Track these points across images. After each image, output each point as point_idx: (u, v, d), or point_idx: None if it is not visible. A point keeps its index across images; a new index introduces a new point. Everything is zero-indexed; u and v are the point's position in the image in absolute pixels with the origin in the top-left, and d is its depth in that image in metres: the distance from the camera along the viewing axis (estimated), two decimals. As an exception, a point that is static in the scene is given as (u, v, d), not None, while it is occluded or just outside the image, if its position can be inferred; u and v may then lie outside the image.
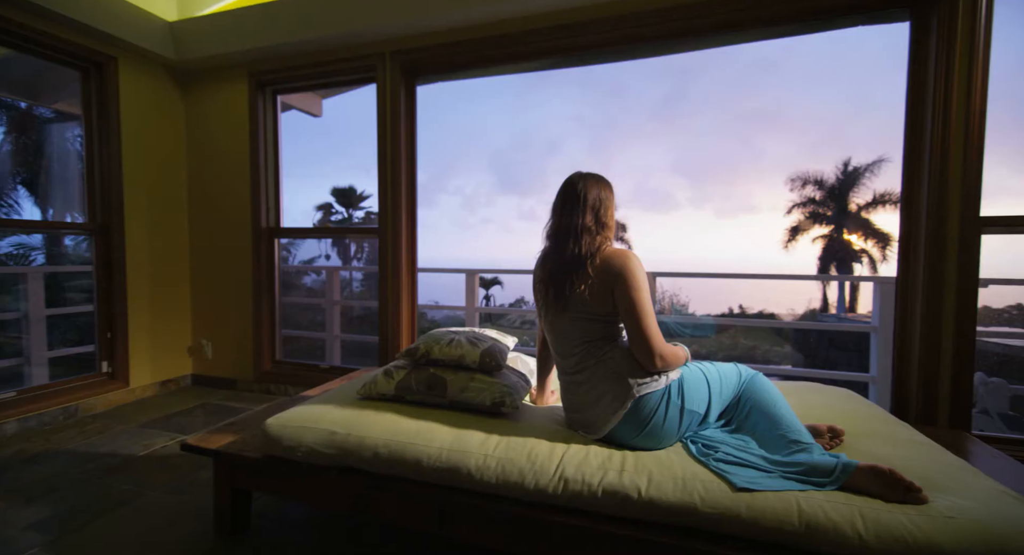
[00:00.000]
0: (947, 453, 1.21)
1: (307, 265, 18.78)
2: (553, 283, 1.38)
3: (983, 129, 1.76)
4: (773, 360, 13.85)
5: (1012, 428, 2.37)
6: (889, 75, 42.74)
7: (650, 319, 1.26)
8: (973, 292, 1.83)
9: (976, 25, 1.75)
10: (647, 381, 1.26)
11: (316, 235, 3.54)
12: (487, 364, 1.53)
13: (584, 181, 1.38)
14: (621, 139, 57.44)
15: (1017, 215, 1.79)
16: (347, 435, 1.31)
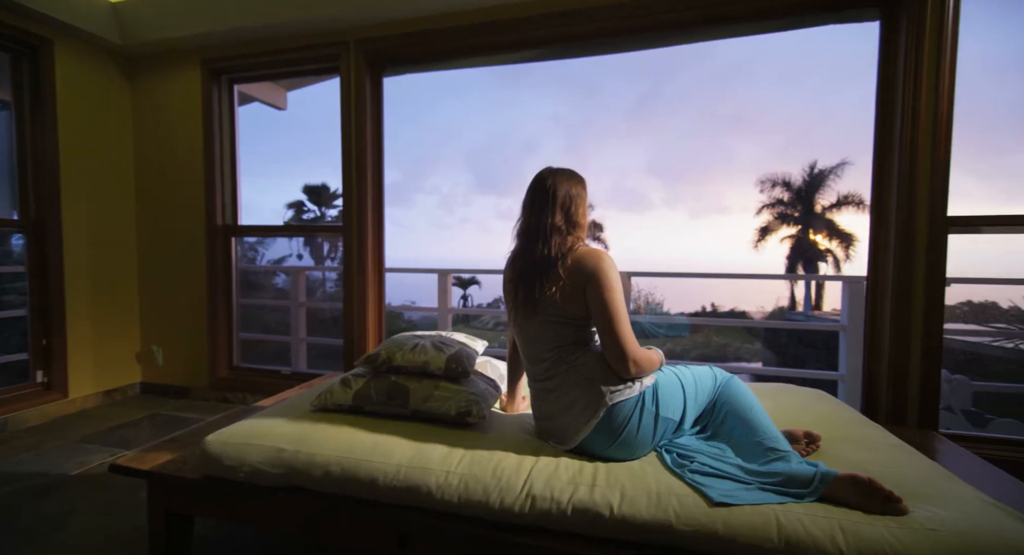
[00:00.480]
0: (922, 457, 1.19)
1: (275, 265, 18.20)
2: (523, 284, 1.30)
3: (950, 128, 1.76)
4: (744, 357, 14.18)
5: (975, 424, 2.42)
6: (855, 79, 44.56)
7: (623, 323, 1.19)
8: (940, 291, 1.84)
9: (944, 24, 1.75)
10: (620, 388, 1.19)
11: (277, 234, 3.37)
12: (453, 371, 1.43)
13: (554, 177, 1.30)
14: (597, 139, 58.05)
15: (983, 215, 1.81)
16: (296, 452, 1.19)
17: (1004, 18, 3.75)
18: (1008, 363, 3.75)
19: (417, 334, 1.68)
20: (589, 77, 60.99)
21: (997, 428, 2.34)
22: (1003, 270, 1.77)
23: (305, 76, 2.86)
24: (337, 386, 1.44)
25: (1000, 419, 2.38)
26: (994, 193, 27.05)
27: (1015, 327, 4.18)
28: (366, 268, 2.52)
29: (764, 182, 22.50)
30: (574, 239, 1.27)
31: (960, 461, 1.38)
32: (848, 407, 1.59)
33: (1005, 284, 2.01)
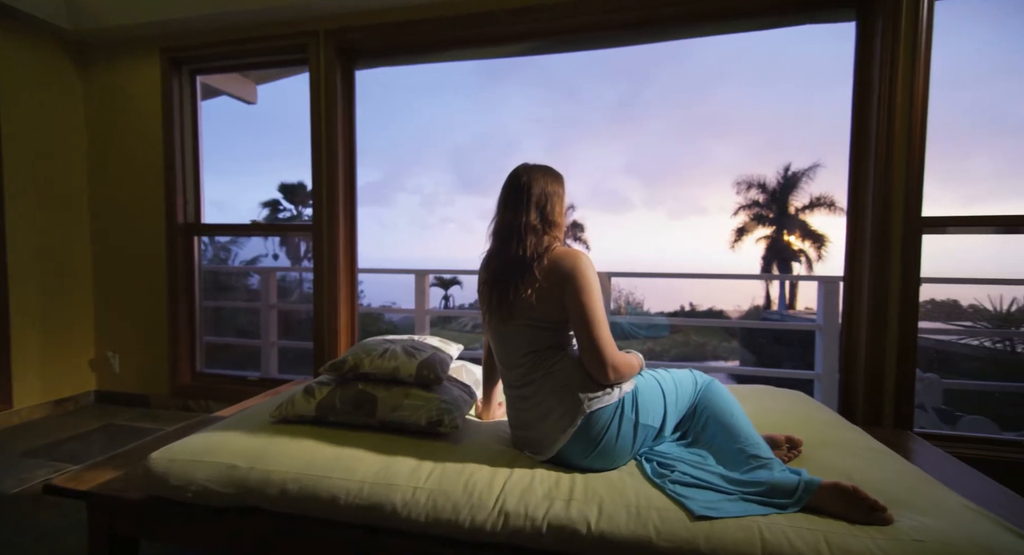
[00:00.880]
0: (903, 461, 1.17)
1: (247, 266, 17.69)
2: (497, 287, 1.23)
3: (924, 129, 1.77)
4: (722, 356, 14.42)
5: (945, 421, 2.46)
6: (829, 83, 45.92)
7: (602, 326, 1.13)
8: (915, 290, 1.85)
9: (918, 25, 1.76)
10: (598, 395, 1.14)
11: (243, 232, 3.22)
12: (425, 377, 1.36)
13: (529, 174, 1.24)
14: (578, 140, 58.42)
15: (955, 216, 1.82)
16: (250, 469, 1.10)
17: (960, 27, 3.93)
18: (974, 360, 3.87)
19: (388, 338, 1.60)
20: (570, 79, 61.36)
21: (967, 425, 2.38)
22: (954, 269, 1.80)
23: (273, 68, 2.74)
24: (299, 396, 1.35)
25: (969, 416, 2.43)
26: (956, 197, 28.24)
27: (979, 325, 4.33)
28: (337, 268, 2.42)
29: (740, 184, 23.00)
30: (551, 239, 1.21)
31: (938, 463, 1.37)
32: (827, 409, 1.58)
33: (978, 284, 2.03)
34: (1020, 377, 3.49)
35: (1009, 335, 3.87)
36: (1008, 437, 1.97)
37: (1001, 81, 22.49)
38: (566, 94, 61.17)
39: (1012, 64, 21.30)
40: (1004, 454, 1.81)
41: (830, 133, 43.17)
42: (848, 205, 1.95)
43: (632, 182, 56.38)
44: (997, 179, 28.95)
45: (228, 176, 40.81)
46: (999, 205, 21.01)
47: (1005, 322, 4.20)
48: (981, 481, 1.23)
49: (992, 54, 20.67)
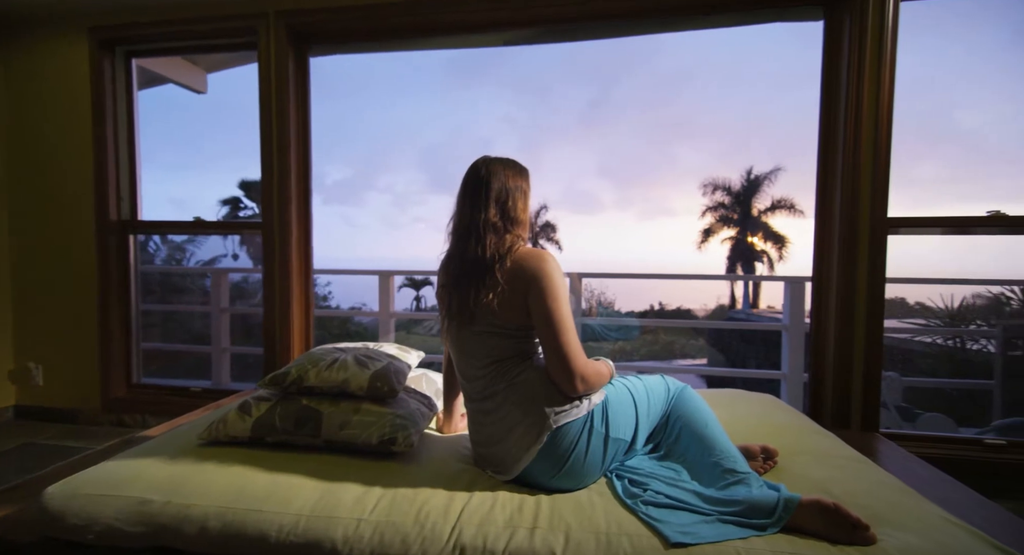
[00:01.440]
0: (879, 470, 1.13)
1: (204, 266, 16.85)
2: (456, 290, 1.12)
3: (890, 129, 1.77)
4: (690, 354, 14.72)
5: (905, 419, 2.51)
6: (789, 90, 47.91)
7: (569, 333, 1.04)
8: (881, 291, 1.85)
9: (884, 25, 1.75)
10: (566, 408, 1.05)
11: (184, 230, 2.98)
12: (378, 390, 1.23)
13: (488, 167, 1.14)
14: (550, 141, 58.77)
15: (921, 216, 1.83)
16: (165, 504, 0.95)
17: (905, 37, 4.17)
18: (927, 357, 4.03)
19: (339, 347, 1.46)
20: (540, 80, 61.50)
21: (926, 422, 2.43)
22: (895, 269, 1.81)
23: (219, 52, 2.53)
24: (232, 414, 1.20)
25: (928, 413, 2.48)
26: (904, 200, 29.88)
27: (931, 323, 4.54)
28: (289, 269, 2.25)
29: (707, 186, 23.65)
30: (513, 238, 1.11)
31: (909, 467, 1.35)
32: (799, 413, 1.54)
33: (944, 284, 2.06)
34: (971, 373, 3.65)
35: (963, 333, 4.05)
36: (967, 435, 2.01)
37: (944, 90, 23.99)
38: (538, 94, 61.41)
39: (955, 73, 22.77)
40: (964, 452, 1.83)
41: (791, 137, 45.07)
42: (816, 205, 1.93)
43: (603, 183, 57.19)
44: (940, 184, 30.86)
45: (190, 172, 38.67)
46: (941, 210, 22.31)
47: (955, 320, 4.42)
48: (954, 487, 1.21)
49: (937, 63, 21.99)
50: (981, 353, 3.63)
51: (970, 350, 3.78)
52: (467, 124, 63.50)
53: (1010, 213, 1.80)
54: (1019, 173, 30.78)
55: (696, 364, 13.07)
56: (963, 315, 4.25)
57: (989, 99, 27.80)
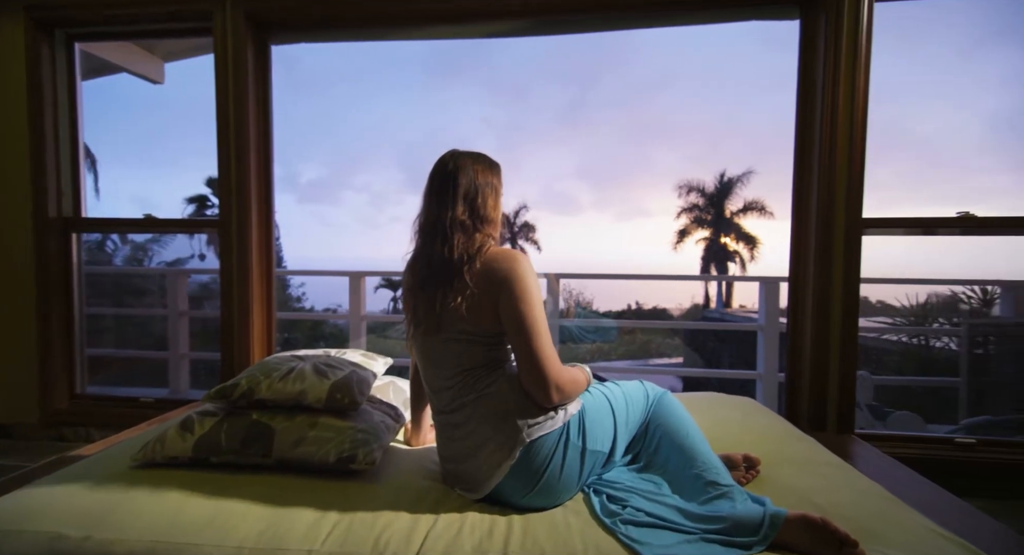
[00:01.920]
0: (863, 478, 1.09)
1: (168, 267, 16.15)
2: (422, 294, 1.04)
3: (865, 129, 1.77)
4: (666, 353, 14.92)
5: (876, 417, 2.54)
6: (761, 95, 49.28)
7: (543, 339, 0.97)
8: (856, 290, 1.85)
9: (859, 24, 1.75)
10: (540, 420, 0.97)
11: (133, 228, 2.76)
12: (338, 402, 1.13)
13: (455, 161, 1.06)
14: (529, 142, 58.90)
15: (894, 217, 1.84)
16: (84, 539, 0.83)
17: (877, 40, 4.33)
18: (892, 355, 4.15)
19: (298, 354, 1.35)
20: (519, 81, 61.49)
21: (896, 420, 2.46)
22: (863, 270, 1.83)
23: (172, 37, 2.37)
24: (172, 431, 1.08)
25: (898, 412, 2.51)
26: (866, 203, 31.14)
27: (895, 321, 4.68)
28: (249, 270, 2.11)
29: (682, 188, 24.13)
30: (483, 238, 1.03)
31: (888, 471, 1.33)
32: (778, 417, 1.52)
33: (914, 284, 2.08)
34: (935, 371, 3.77)
35: (929, 332, 4.19)
36: (937, 434, 2.03)
37: (900, 101, 25.15)
38: (515, 96, 61.33)
39: (911, 84, 23.84)
40: (936, 452, 1.84)
41: (762, 141, 46.40)
42: (792, 206, 1.92)
43: (581, 184, 57.65)
44: (895, 189, 32.29)
45: (155, 169, 36.80)
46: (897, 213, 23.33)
47: (920, 318, 4.57)
48: (934, 491, 1.19)
49: (895, 73, 23.05)
50: (945, 350, 3.76)
51: (934, 348, 3.90)
52: (446, 124, 63.03)
53: (976, 215, 1.83)
54: (968, 178, 32.36)
55: (672, 363, 13.24)
56: (928, 314, 4.40)
57: (942, 107, 29.30)
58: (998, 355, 2.69)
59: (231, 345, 2.11)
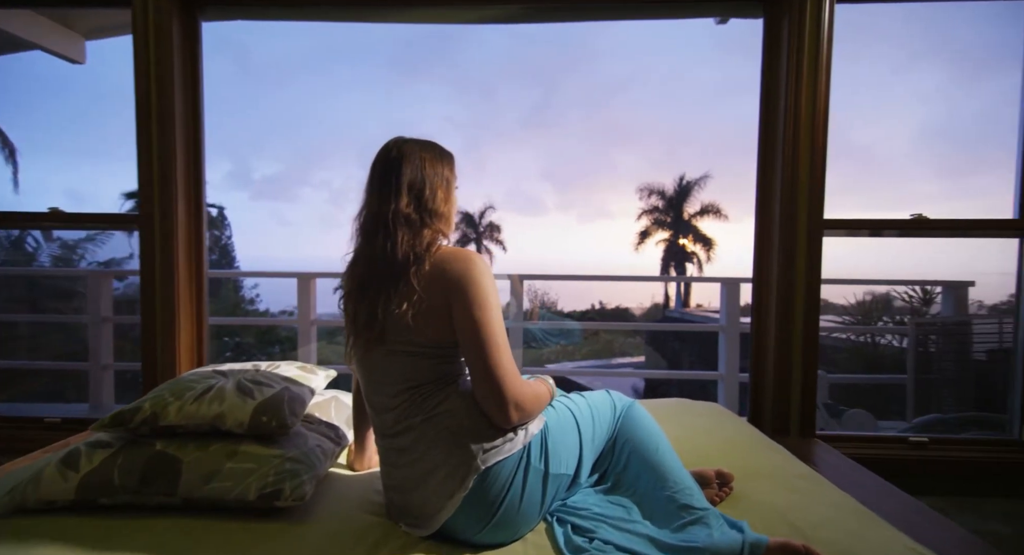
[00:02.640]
0: (836, 491, 1.05)
1: (110, 267, 14.94)
2: (362, 299, 0.90)
3: (826, 129, 1.76)
4: (629, 352, 15.19)
5: (832, 415, 2.59)
6: (721, 102, 51.33)
7: (501, 351, 0.85)
8: (817, 291, 1.84)
9: (821, 21, 1.74)
10: (497, 443, 0.86)
11: (32, 224, 2.42)
12: (263, 426, 0.98)
13: (401, 148, 0.93)
14: (495, 142, 58.86)
15: (853, 218, 1.85)
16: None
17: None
18: (842, 352, 4.32)
19: (220, 370, 1.18)
20: (483, 80, 61.29)
21: (850, 418, 2.52)
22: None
23: (80, 6, 2.09)
24: (50, 470, 0.89)
25: (851, 410, 2.57)
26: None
27: (843, 320, 4.91)
28: (175, 271, 1.88)
29: (643, 190, 24.78)
30: (432, 234, 0.90)
31: (854, 478, 1.30)
32: (745, 423, 1.47)
33: (877, 284, 2.10)
34: (881, 368, 3.95)
35: (879, 330, 4.39)
36: (892, 434, 2.07)
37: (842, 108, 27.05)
38: (481, 96, 61.04)
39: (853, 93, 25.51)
40: (892, 451, 1.86)
41: (718, 146, 48.45)
42: (756, 206, 1.90)
43: (546, 186, 58.15)
44: (837, 195, 34.64)
45: (92, 160, 33.71)
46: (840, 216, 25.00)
47: (866, 316, 4.81)
48: (899, 498, 1.17)
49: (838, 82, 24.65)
50: (889, 347, 3.94)
51: (880, 345, 4.09)
52: (409, 120, 61.96)
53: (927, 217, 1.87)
54: (903, 184, 34.91)
55: (634, 362, 13.46)
56: (873, 312, 4.63)
57: (878, 117, 31.59)
58: (939, 353, 2.82)
59: (154, 356, 1.88)
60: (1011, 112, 1.99)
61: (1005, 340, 2.44)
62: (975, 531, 1.06)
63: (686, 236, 24.47)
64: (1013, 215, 1.90)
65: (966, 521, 1.60)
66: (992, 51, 21.60)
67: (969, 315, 2.84)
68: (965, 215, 1.91)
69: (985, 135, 27.26)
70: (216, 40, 57.25)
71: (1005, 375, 2.08)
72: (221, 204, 29.52)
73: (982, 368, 2.59)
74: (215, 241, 24.72)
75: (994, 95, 34.77)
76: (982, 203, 24.80)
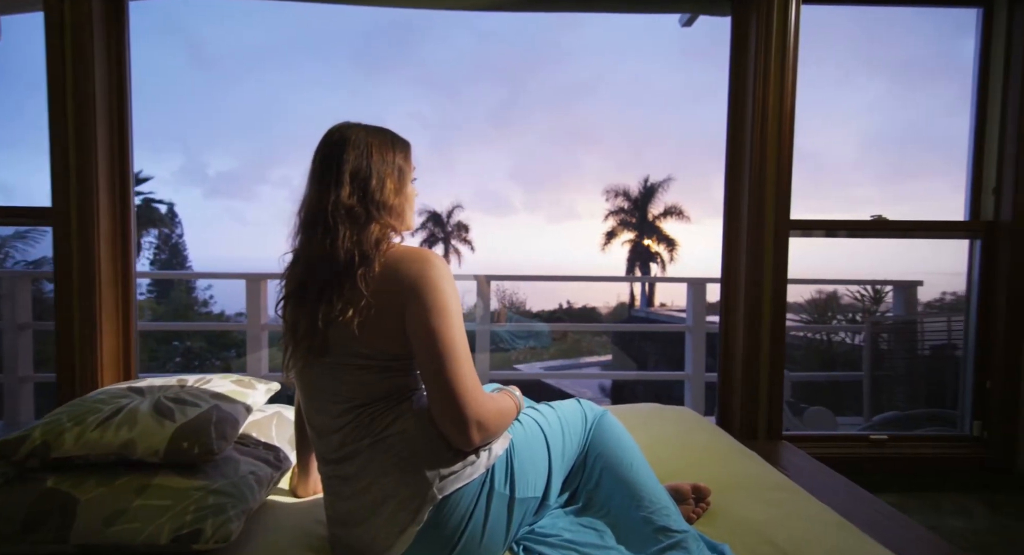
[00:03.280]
0: (815, 503, 1.01)
1: (39, 268, 13.82)
2: (303, 305, 0.78)
3: (793, 128, 1.76)
4: (596, 350, 15.37)
5: (795, 413, 2.63)
6: (684, 106, 52.80)
7: (462, 364, 0.75)
8: (783, 291, 1.84)
9: (788, 23, 1.73)
10: (456, 469, 0.76)
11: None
12: (183, 453, 0.84)
13: (343, 132, 0.82)
14: (463, 141, 58.45)
15: (818, 219, 1.86)
16: None
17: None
18: (799, 350, 4.46)
19: (136, 386, 1.03)
20: (450, 78, 60.65)
21: (812, 416, 2.56)
22: None
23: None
24: (-99, 519, 0.72)
25: (812, 408, 2.62)
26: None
27: (799, 318, 5.09)
28: (96, 272, 1.67)
29: (609, 192, 25.19)
30: (382, 231, 0.79)
31: (826, 482, 1.30)
32: (717, 429, 1.43)
33: (839, 284, 2.13)
34: (836, 365, 4.10)
35: (836, 329, 4.56)
36: (854, 432, 2.10)
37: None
38: (448, 94, 60.36)
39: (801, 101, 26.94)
40: (855, 450, 1.89)
41: (681, 149, 49.92)
42: (724, 205, 1.88)
43: (514, 186, 58.27)
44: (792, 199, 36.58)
45: (26, 150, 30.77)
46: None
47: (820, 315, 5.01)
48: (871, 502, 1.16)
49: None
50: (842, 345, 4.10)
51: (834, 342, 4.24)
52: (374, 117, 60.47)
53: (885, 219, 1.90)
54: (846, 189, 37.00)
55: (602, 360, 13.62)
56: (828, 310, 4.82)
57: (823, 125, 33.46)
58: (892, 350, 2.92)
59: (71, 368, 1.66)
60: (945, 122, 2.07)
61: (954, 338, 2.55)
62: (931, 527, 1.10)
63: (650, 237, 25.06)
64: (964, 218, 1.96)
65: (926, 519, 1.63)
66: (928, 63, 23.20)
67: (919, 314, 2.96)
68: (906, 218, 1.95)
69: (921, 143, 29.26)
70: (165, 25, 53.73)
71: (955, 371, 2.16)
72: (171, 200, 27.86)
73: (932, 364, 2.69)
74: (165, 239, 23.28)
75: (930, 106, 37.36)
76: (917, 207, 26.66)
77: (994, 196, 1.86)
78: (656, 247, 25.21)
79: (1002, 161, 1.83)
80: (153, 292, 19.59)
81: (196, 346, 15.82)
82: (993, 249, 1.87)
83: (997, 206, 1.86)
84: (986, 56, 1.89)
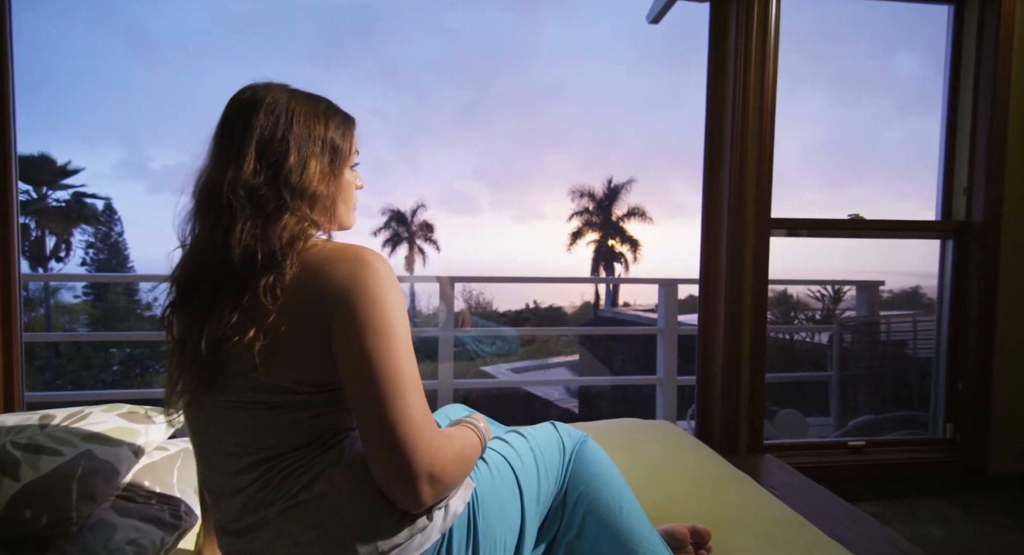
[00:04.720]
0: (822, 536, 0.89)
1: None
2: (194, 321, 0.58)
3: (774, 122, 1.67)
4: (563, 351, 15.39)
5: (767, 416, 2.57)
6: (648, 109, 53.97)
7: (408, 396, 0.56)
8: (764, 292, 1.76)
9: (769, 14, 1.64)
10: (400, 540, 0.57)
11: None
12: (26, 524, 0.61)
13: (257, 92, 0.61)
14: (428, 140, 57.57)
15: (800, 218, 1.78)
16: None
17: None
18: (768, 349, 4.50)
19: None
20: (415, 76, 59.52)
21: (783, 419, 2.51)
22: None
23: None
24: None
25: (783, 410, 2.57)
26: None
27: (769, 318, 5.17)
28: (-35, 279, 1.36)
29: (574, 192, 25.41)
30: (299, 224, 0.59)
31: (816, 502, 1.19)
32: (704, 447, 1.30)
33: (815, 284, 2.07)
34: (799, 364, 4.15)
35: (803, 328, 4.64)
36: (832, 439, 2.05)
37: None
38: (414, 92, 59.08)
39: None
40: (834, 458, 1.82)
41: (643, 151, 51.09)
42: (703, 205, 1.77)
43: (480, 186, 57.95)
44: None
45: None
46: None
47: (785, 314, 5.11)
48: (870, 525, 1.06)
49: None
50: (804, 344, 4.16)
51: (796, 342, 4.30)
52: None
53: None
54: (795, 194, 39.06)
55: (569, 360, 13.61)
56: (791, 310, 4.91)
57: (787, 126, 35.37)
58: (856, 350, 2.93)
59: (-69, 395, 1.35)
60: (886, 133, 2.05)
61: (920, 338, 2.57)
62: (913, 539, 1.04)
63: (614, 237, 25.45)
64: (936, 218, 1.94)
65: (907, 529, 1.57)
66: (869, 77, 24.70)
67: (882, 314, 2.99)
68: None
69: (864, 150, 31.22)
70: (101, 8, 49.94)
71: (922, 370, 2.15)
72: (108, 196, 25.94)
73: (899, 364, 2.71)
74: (103, 238, 21.58)
75: (871, 115, 39.93)
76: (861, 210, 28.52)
77: (965, 196, 1.84)
78: (620, 247, 25.64)
79: (973, 161, 1.81)
80: (91, 295, 18.12)
81: (138, 353, 14.81)
82: (965, 249, 1.85)
83: (969, 206, 1.84)
84: (957, 54, 1.86)
